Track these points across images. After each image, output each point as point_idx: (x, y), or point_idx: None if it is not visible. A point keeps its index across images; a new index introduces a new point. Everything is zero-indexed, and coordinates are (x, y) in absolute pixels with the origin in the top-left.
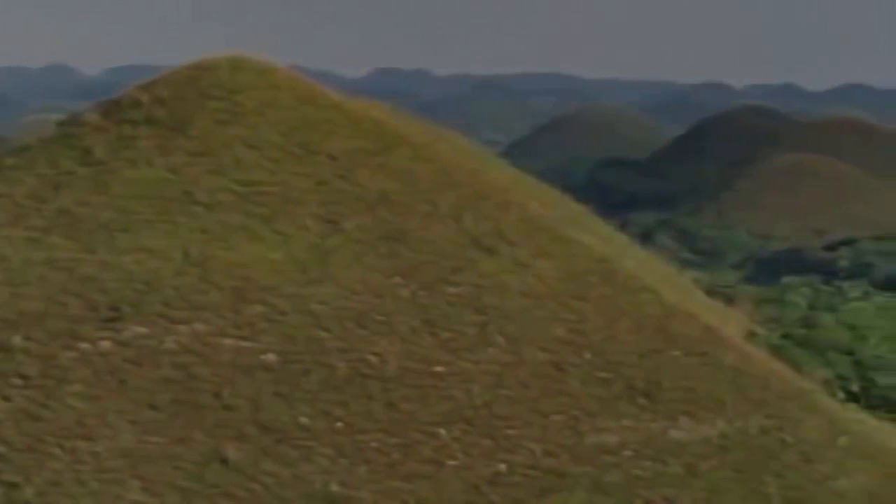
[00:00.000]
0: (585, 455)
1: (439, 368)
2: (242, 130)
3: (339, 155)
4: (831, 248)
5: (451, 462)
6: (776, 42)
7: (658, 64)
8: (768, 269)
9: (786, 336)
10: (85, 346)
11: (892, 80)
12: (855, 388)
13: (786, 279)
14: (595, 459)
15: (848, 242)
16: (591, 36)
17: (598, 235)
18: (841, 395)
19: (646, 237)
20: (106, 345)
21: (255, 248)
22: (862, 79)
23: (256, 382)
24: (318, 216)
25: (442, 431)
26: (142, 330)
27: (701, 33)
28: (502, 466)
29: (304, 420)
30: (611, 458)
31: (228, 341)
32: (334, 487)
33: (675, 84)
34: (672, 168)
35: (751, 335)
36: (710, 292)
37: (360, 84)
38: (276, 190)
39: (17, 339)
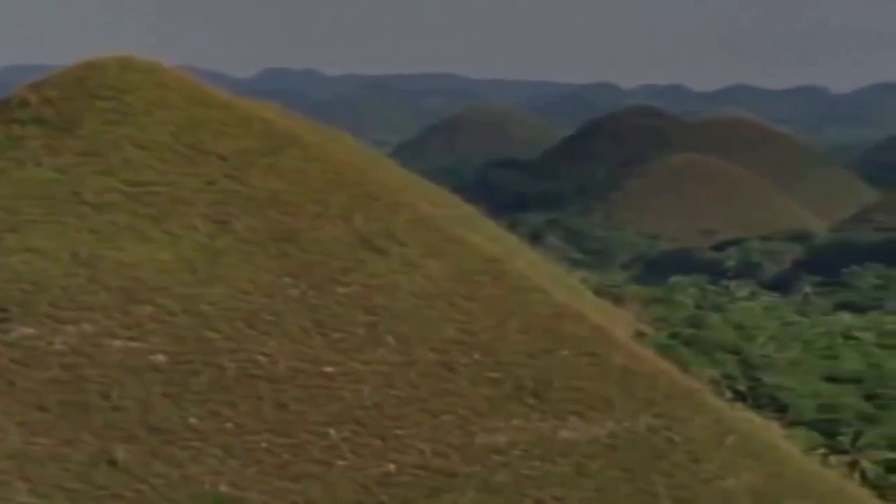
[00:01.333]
0: (475, 455)
1: (329, 369)
2: (131, 130)
3: (229, 155)
4: (719, 248)
5: (341, 462)
6: (664, 43)
7: (547, 64)
8: (656, 269)
9: (674, 336)
10: None
11: (778, 81)
12: (742, 387)
13: (674, 279)
14: (484, 459)
15: (735, 242)
16: (480, 36)
17: (487, 235)
18: (728, 394)
19: (535, 237)
20: None
21: (144, 248)
22: (749, 79)
23: (145, 383)
24: (208, 216)
25: (332, 432)
26: (29, 331)
27: (590, 34)
28: (392, 467)
29: (193, 421)
30: (500, 457)
31: (117, 342)
32: (223, 488)
33: (563, 84)
34: (561, 168)
35: (639, 335)
36: (599, 292)
37: (249, 84)
38: (166, 190)
39: None
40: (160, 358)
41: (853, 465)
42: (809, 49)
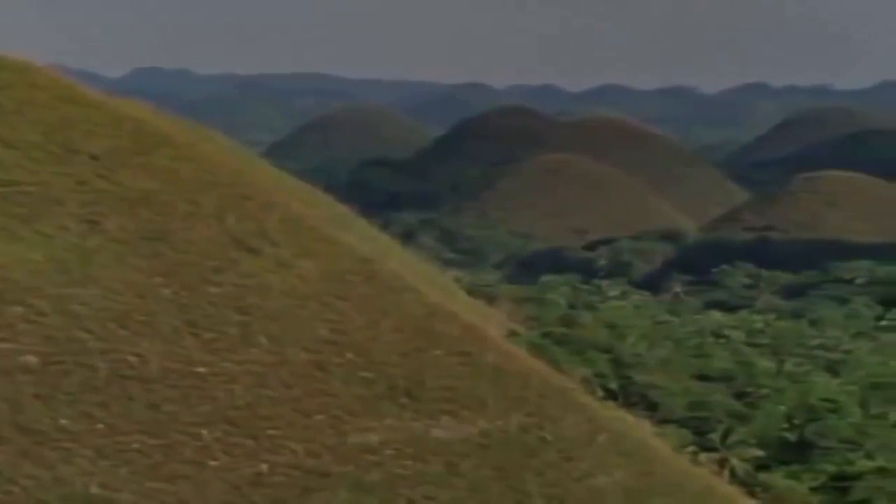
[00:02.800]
0: (348, 454)
1: (201, 369)
2: (1, 130)
3: (101, 154)
4: (591, 247)
5: (213, 463)
6: (536, 43)
7: (420, 64)
8: (529, 268)
9: (546, 334)
10: None
11: (648, 81)
12: (613, 385)
13: (546, 278)
14: (357, 459)
15: (607, 242)
16: (352, 36)
17: (360, 235)
18: (600, 392)
19: (408, 237)
20: None
21: (15, 248)
22: (619, 79)
23: (16, 384)
24: (79, 216)
25: (204, 432)
26: None
27: (462, 34)
28: (264, 467)
29: (64, 422)
30: (373, 457)
31: None
32: (94, 489)
33: (436, 84)
34: (434, 168)
35: (512, 334)
36: (472, 291)
37: (120, 84)
38: (36, 190)
39: None
40: (31, 359)
41: (723, 463)
42: (679, 49)
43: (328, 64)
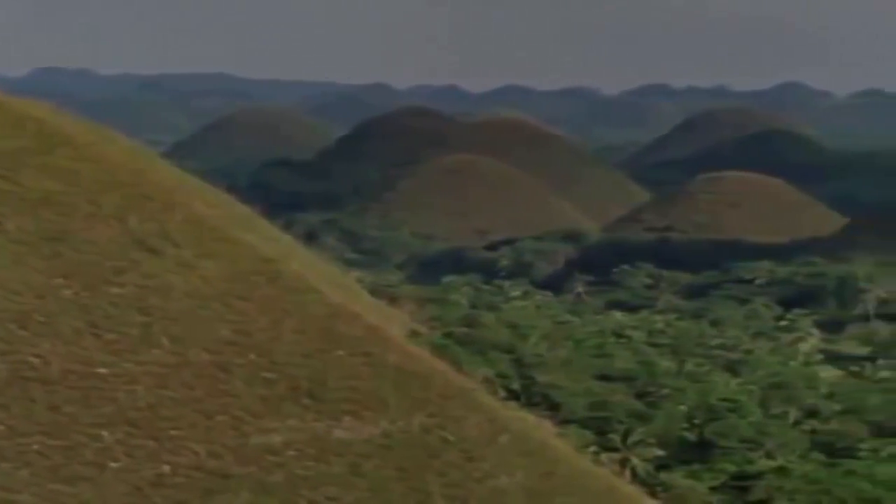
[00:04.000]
0: (250, 456)
1: (103, 370)
2: None
3: (1, 155)
4: (492, 247)
5: (114, 464)
6: (438, 44)
7: (321, 65)
8: (431, 268)
9: (448, 335)
10: None
11: (549, 82)
12: (515, 386)
13: (448, 279)
14: (259, 460)
15: (509, 242)
16: (254, 36)
17: (263, 236)
18: (502, 393)
19: (311, 237)
20: None
21: None
22: (521, 80)
23: None
24: None
25: (105, 434)
26: None
27: (364, 35)
28: (166, 468)
29: None
30: (275, 458)
31: None
32: None
33: (338, 85)
34: (336, 168)
35: (414, 334)
36: (374, 292)
37: (21, 84)
38: None
39: None
40: None
41: (624, 463)
42: (580, 51)
43: (230, 64)
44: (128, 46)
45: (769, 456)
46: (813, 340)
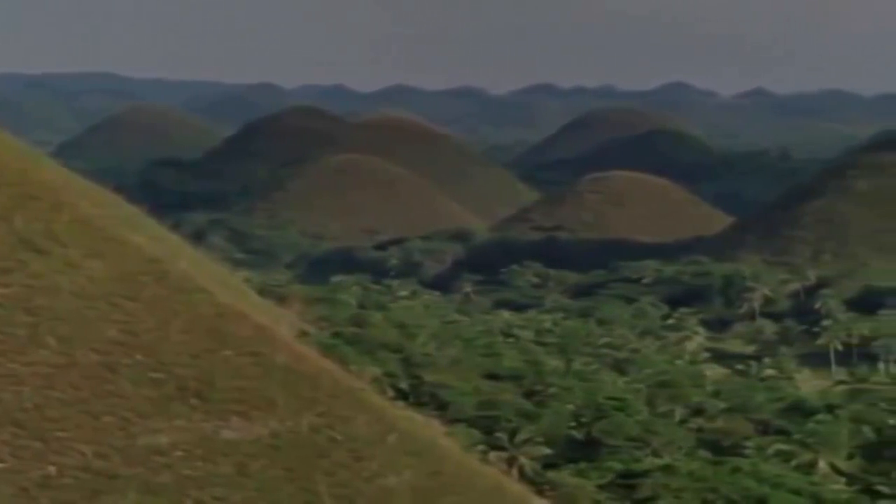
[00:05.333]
0: (137, 456)
1: None
2: None
3: None
4: (381, 247)
5: (0, 465)
6: (325, 43)
7: (208, 65)
8: (320, 268)
9: (337, 334)
10: None
11: (437, 82)
12: (404, 385)
13: (337, 278)
14: (146, 460)
15: (397, 242)
16: (140, 36)
17: (150, 236)
18: (390, 392)
19: (198, 237)
20: None
21: None
22: (408, 80)
23: None
24: None
25: None
26: None
27: (251, 34)
28: (52, 469)
29: None
30: (162, 458)
31: None
32: None
33: (225, 84)
34: (224, 168)
35: (302, 334)
36: (263, 292)
37: None
38: None
39: None
40: None
41: (512, 462)
42: (467, 50)
43: (116, 63)
44: (12, 45)
45: (656, 454)
46: (699, 339)
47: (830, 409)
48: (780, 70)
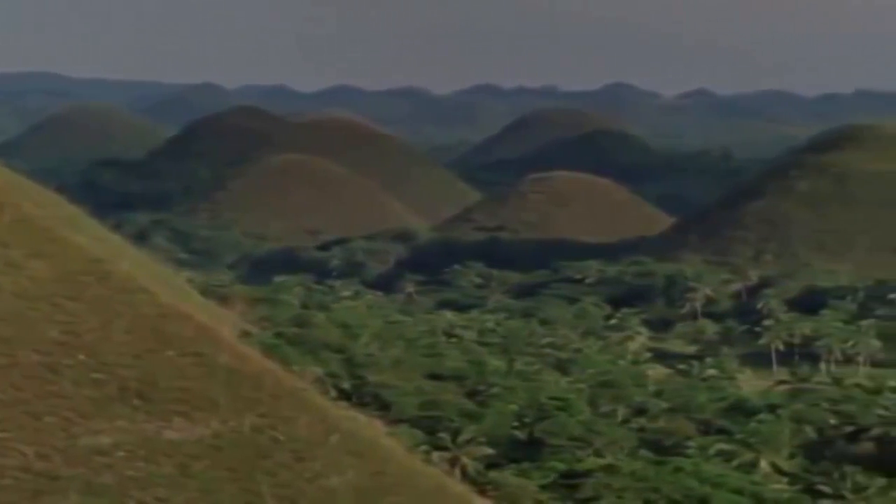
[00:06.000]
0: (78, 457)
1: None
2: None
3: None
4: (324, 247)
5: None
6: (266, 43)
7: (150, 65)
8: (262, 268)
9: (279, 335)
10: None
11: (379, 82)
12: (346, 385)
13: (279, 279)
14: (88, 461)
15: (340, 242)
16: (82, 35)
17: (92, 236)
18: (333, 392)
19: (141, 237)
20: None
21: None
22: (350, 80)
23: None
24: None
25: None
26: None
27: (192, 34)
28: None
29: None
30: (104, 459)
31: None
32: None
33: (166, 84)
34: (166, 168)
35: (245, 334)
36: (205, 292)
37: None
38: None
39: None
40: None
41: (454, 462)
42: (410, 51)
43: (59, 63)
44: None
45: (598, 454)
46: (641, 339)
47: (772, 408)
48: (722, 71)
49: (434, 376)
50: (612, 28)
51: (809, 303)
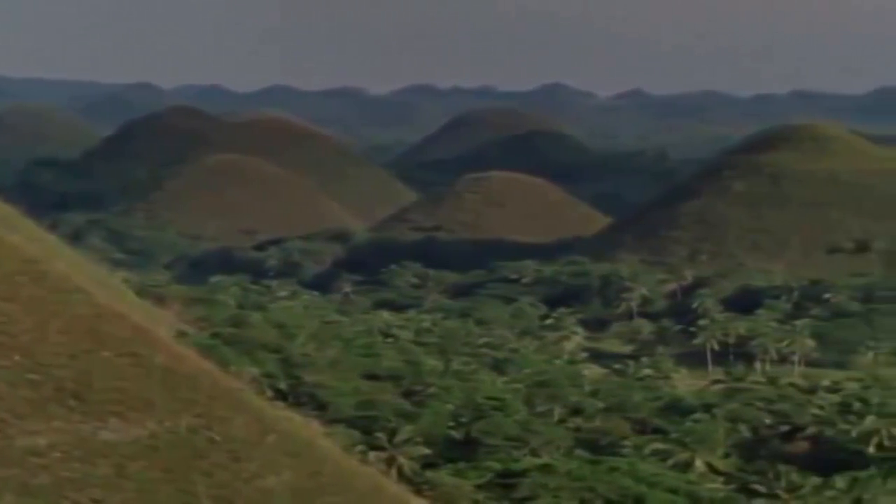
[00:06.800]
0: (13, 458)
1: None
2: None
3: None
4: (260, 247)
5: None
6: (203, 43)
7: (86, 64)
8: (198, 268)
9: (215, 335)
10: None
11: (315, 82)
12: (283, 385)
13: (215, 279)
14: (23, 462)
15: (276, 242)
16: (17, 34)
17: (27, 236)
18: (269, 392)
19: (77, 237)
20: None
21: None
22: (286, 80)
23: None
24: None
25: None
26: None
27: (128, 33)
28: None
29: None
30: (39, 460)
31: None
32: None
33: (102, 84)
34: (102, 168)
35: (181, 335)
36: (141, 292)
37: None
38: None
39: None
40: None
41: (391, 462)
42: (346, 51)
43: None
44: None
45: (534, 453)
46: (577, 339)
47: (707, 408)
48: (657, 71)
49: (371, 376)
50: (548, 28)
51: (744, 302)
